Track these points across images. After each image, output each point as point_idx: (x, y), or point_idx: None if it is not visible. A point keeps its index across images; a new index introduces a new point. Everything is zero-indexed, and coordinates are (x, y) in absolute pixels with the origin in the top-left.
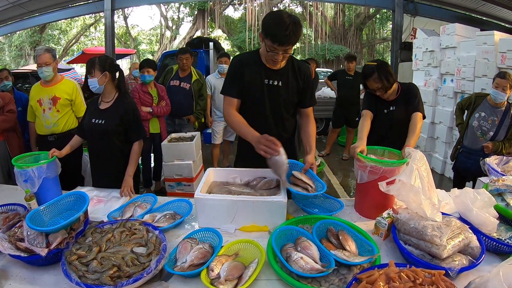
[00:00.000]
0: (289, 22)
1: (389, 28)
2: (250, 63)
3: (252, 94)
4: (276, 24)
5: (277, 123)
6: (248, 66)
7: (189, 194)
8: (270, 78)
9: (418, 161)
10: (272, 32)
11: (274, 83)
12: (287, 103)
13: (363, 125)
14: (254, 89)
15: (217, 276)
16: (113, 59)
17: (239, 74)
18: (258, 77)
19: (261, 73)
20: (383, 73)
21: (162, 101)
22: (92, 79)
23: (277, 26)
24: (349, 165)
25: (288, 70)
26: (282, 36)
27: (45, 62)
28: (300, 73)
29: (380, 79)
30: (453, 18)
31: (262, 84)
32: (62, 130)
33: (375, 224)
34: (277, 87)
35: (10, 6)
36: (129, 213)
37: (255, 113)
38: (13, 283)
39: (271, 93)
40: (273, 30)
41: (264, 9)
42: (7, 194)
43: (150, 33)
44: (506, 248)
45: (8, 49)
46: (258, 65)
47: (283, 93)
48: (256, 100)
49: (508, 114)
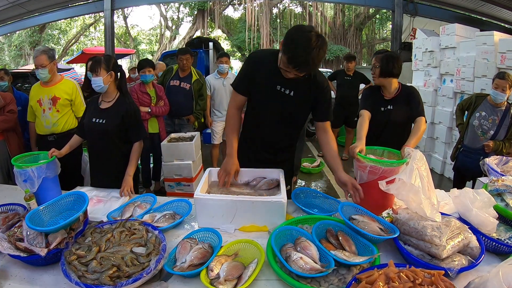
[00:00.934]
0: (315, 47)
1: (388, 28)
2: (266, 64)
3: (262, 97)
4: (300, 45)
5: (283, 131)
6: (263, 66)
7: (188, 194)
8: (283, 86)
9: (418, 160)
10: (292, 52)
11: (286, 91)
12: (298, 114)
13: (362, 125)
14: (265, 92)
15: (217, 276)
16: (115, 58)
17: (250, 72)
18: (270, 82)
19: (275, 77)
20: (391, 59)
21: (161, 100)
22: (96, 78)
23: (300, 48)
24: (348, 165)
25: (304, 80)
26: (301, 61)
27: (41, 64)
28: (318, 85)
29: (385, 61)
30: (453, 18)
31: (274, 90)
32: (62, 130)
33: None
34: (289, 97)
35: (10, 6)
36: (128, 213)
37: (262, 116)
38: (13, 283)
39: (282, 101)
40: (294, 51)
41: (264, 9)
42: (6, 194)
43: (149, 33)
44: (506, 248)
45: (8, 49)
46: (274, 68)
47: (294, 103)
48: (265, 104)
49: (508, 113)
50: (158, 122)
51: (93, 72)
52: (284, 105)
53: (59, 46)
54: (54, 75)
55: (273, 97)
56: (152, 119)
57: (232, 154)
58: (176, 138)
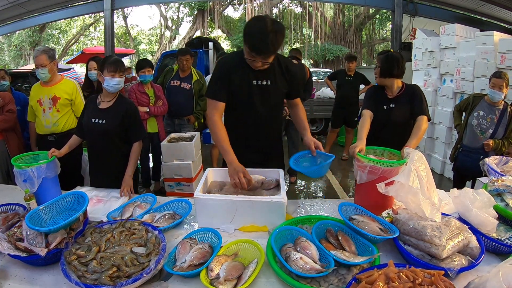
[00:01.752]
0: (271, 31)
1: (388, 28)
2: (236, 64)
3: (242, 97)
4: (256, 32)
5: (268, 122)
6: (234, 69)
7: (188, 194)
8: (259, 79)
9: (416, 161)
10: (251, 40)
11: (263, 82)
12: (277, 100)
13: (363, 124)
14: (244, 91)
15: (217, 276)
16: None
17: (225, 77)
18: (246, 79)
19: (248, 74)
20: (390, 60)
21: (159, 100)
22: (121, 79)
23: (257, 35)
24: (348, 165)
25: (275, 68)
26: (261, 47)
27: (41, 64)
28: (288, 70)
29: (385, 62)
30: (453, 18)
31: (251, 86)
32: (62, 129)
33: None
34: (267, 86)
35: (10, 6)
36: (128, 213)
37: (246, 114)
38: (13, 283)
39: (261, 93)
40: (253, 38)
41: (264, 9)
42: (6, 194)
43: (149, 33)
44: (506, 248)
45: (8, 48)
46: (245, 67)
47: (273, 91)
48: (247, 102)
49: (505, 112)
50: (157, 122)
51: (117, 73)
52: (264, 95)
53: (59, 46)
54: (54, 75)
55: (253, 92)
56: (151, 119)
57: (233, 160)
58: (176, 138)
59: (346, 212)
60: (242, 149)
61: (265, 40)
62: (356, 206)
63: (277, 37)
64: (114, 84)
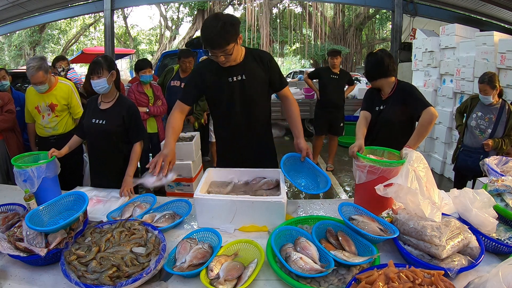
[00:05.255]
0: (219, 23)
1: (388, 28)
2: (210, 67)
3: (219, 95)
4: (205, 27)
5: (249, 116)
6: (208, 71)
7: (188, 194)
8: (233, 75)
9: (414, 162)
10: (202, 36)
11: (238, 78)
12: (257, 93)
13: (360, 124)
14: (220, 90)
15: (217, 276)
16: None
17: (198, 81)
18: (221, 78)
19: (222, 73)
20: (369, 62)
21: (158, 100)
22: (100, 80)
23: (206, 29)
24: (348, 165)
25: (249, 61)
26: (209, 39)
27: (40, 82)
28: (262, 61)
29: (366, 65)
30: (453, 18)
31: (227, 83)
32: (63, 132)
33: None
34: (242, 81)
35: (10, 6)
36: (128, 213)
37: (226, 112)
38: (12, 283)
39: (238, 89)
40: (203, 33)
41: (264, 9)
42: (6, 194)
43: (149, 33)
44: (505, 249)
45: (8, 48)
46: (218, 67)
47: (249, 85)
48: (225, 100)
49: (504, 110)
50: (157, 122)
51: (96, 74)
52: (241, 90)
53: (59, 46)
54: (50, 82)
55: (229, 89)
56: (151, 119)
57: (167, 144)
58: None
59: (346, 212)
60: (231, 147)
61: (213, 31)
62: (356, 206)
63: (225, 28)
64: (95, 86)
